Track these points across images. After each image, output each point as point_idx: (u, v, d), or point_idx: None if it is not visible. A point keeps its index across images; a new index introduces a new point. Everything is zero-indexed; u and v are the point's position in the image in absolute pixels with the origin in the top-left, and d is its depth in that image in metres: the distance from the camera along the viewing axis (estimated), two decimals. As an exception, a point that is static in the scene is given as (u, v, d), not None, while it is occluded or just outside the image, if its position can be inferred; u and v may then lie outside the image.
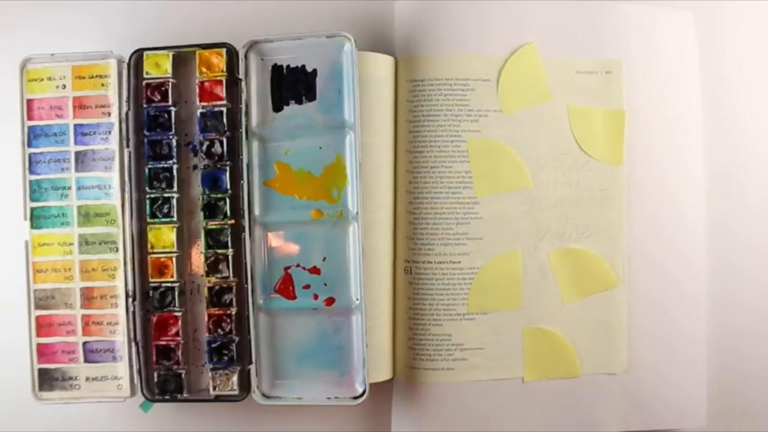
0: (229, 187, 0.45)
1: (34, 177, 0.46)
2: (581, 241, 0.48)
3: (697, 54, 0.49)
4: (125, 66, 0.46)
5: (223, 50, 0.45)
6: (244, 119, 0.45)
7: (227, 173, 0.45)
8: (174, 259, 0.45)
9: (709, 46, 0.49)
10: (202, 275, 0.46)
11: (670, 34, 0.49)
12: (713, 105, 0.50)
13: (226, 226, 0.45)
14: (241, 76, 0.45)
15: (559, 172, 0.48)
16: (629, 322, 0.48)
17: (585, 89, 0.48)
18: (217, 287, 0.45)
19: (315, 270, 0.45)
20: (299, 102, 0.46)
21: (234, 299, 0.45)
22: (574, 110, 0.48)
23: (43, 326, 0.46)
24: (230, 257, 0.45)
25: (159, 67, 0.45)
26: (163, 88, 0.46)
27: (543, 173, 0.48)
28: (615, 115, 0.48)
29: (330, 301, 0.45)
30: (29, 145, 0.46)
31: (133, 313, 0.45)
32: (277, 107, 0.46)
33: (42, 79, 0.46)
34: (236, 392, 0.45)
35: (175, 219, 0.46)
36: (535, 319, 0.47)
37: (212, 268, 0.45)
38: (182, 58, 0.46)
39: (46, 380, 0.46)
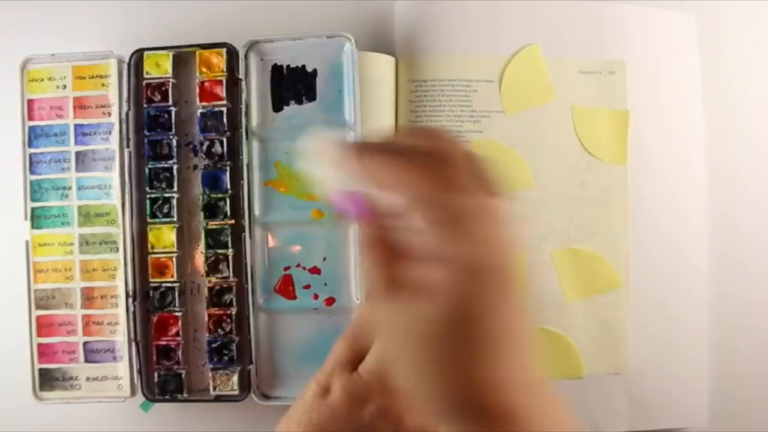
0: (229, 187, 0.45)
1: (34, 177, 0.46)
2: (585, 242, 0.47)
3: (699, 55, 0.49)
4: (125, 66, 0.46)
5: (223, 50, 0.45)
6: (244, 119, 0.45)
7: (227, 173, 0.45)
8: (174, 259, 0.45)
9: (710, 48, 0.49)
10: (202, 275, 0.46)
11: (672, 36, 0.49)
12: (715, 106, 0.49)
13: (226, 226, 0.45)
14: (241, 76, 0.45)
15: (562, 172, 0.47)
16: (632, 323, 0.47)
17: (588, 90, 0.48)
18: (217, 287, 0.45)
19: (315, 270, 0.45)
20: (299, 102, 0.46)
21: (234, 299, 0.45)
22: (577, 110, 0.48)
23: (43, 326, 0.46)
24: (230, 257, 0.45)
25: (159, 67, 0.45)
26: (163, 88, 0.46)
27: (546, 174, 0.47)
28: (619, 116, 0.48)
29: (330, 301, 0.45)
30: (30, 145, 0.46)
31: (134, 313, 0.45)
32: (277, 107, 0.46)
33: (42, 80, 0.46)
34: (236, 392, 0.45)
35: (175, 219, 0.46)
36: (539, 319, 0.47)
37: (212, 268, 0.45)
38: (182, 58, 0.46)
39: (47, 380, 0.46)
